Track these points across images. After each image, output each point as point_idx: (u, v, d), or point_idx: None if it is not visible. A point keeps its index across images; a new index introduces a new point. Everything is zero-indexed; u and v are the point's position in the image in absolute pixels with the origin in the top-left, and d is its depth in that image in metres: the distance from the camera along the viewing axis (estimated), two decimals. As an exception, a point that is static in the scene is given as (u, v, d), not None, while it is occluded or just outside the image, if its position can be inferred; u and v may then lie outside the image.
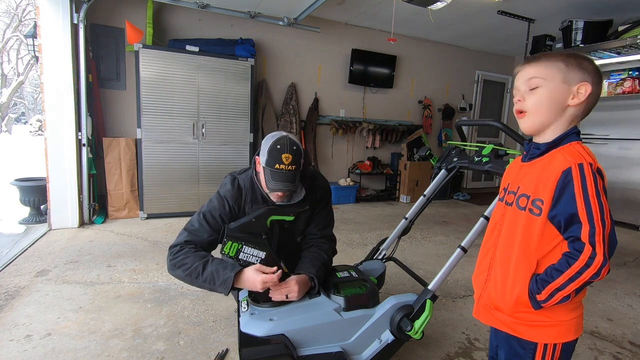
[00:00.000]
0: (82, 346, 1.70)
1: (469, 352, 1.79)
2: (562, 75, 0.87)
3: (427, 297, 1.35)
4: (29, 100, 25.99)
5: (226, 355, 1.68)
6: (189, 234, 1.47)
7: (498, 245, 0.97)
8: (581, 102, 0.87)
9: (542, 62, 0.90)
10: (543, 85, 0.88)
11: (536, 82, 0.89)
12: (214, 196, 1.57)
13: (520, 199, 0.91)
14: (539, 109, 0.89)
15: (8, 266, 2.57)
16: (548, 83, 0.88)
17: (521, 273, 0.90)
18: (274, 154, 1.40)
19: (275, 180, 1.41)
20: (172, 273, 1.39)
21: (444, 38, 5.85)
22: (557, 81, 0.87)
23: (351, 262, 1.96)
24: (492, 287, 0.98)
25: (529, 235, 0.88)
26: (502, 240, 0.96)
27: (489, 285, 0.99)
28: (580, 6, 4.17)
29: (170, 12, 4.24)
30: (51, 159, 3.41)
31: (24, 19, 16.14)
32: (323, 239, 1.64)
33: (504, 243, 0.95)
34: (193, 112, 4.01)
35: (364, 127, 5.48)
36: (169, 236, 3.40)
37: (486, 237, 1.04)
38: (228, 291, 1.30)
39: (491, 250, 0.99)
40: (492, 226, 1.02)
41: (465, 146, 1.78)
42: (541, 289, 0.86)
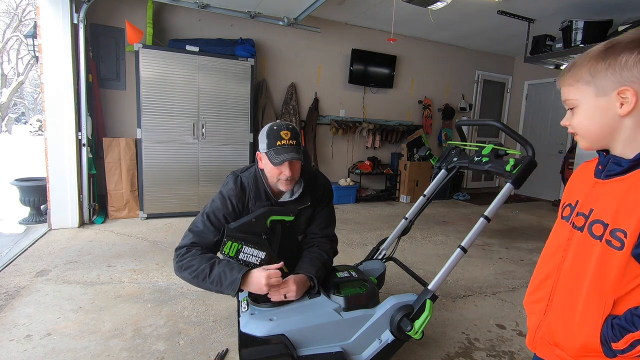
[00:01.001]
0: (82, 346, 1.70)
1: (469, 352, 1.79)
2: (592, 88, 0.73)
3: (427, 297, 1.35)
4: (29, 100, 25.99)
5: (226, 355, 1.68)
6: (194, 235, 1.47)
7: (562, 273, 0.82)
8: (633, 107, 0.69)
9: (567, 79, 0.77)
10: (578, 106, 0.76)
11: (570, 104, 0.78)
12: (217, 196, 1.56)
13: (595, 226, 0.75)
14: (587, 130, 0.77)
15: (8, 266, 2.57)
16: (581, 103, 0.75)
17: (592, 313, 0.74)
18: (272, 135, 1.46)
19: (280, 154, 1.44)
20: (179, 275, 1.40)
21: (444, 38, 5.85)
22: (590, 97, 0.74)
23: (351, 262, 1.96)
24: (553, 321, 0.83)
25: (604, 271, 0.73)
26: (568, 269, 0.81)
27: (549, 316, 0.85)
28: (580, 6, 4.17)
29: (170, 12, 4.24)
30: (51, 159, 3.41)
31: (24, 19, 16.13)
32: (324, 239, 1.64)
33: (570, 273, 0.80)
34: (193, 112, 4.01)
35: (364, 127, 5.48)
36: (169, 236, 3.40)
37: (545, 257, 0.89)
38: (235, 292, 1.30)
39: (553, 277, 0.84)
40: (555, 248, 0.86)
41: (465, 146, 1.78)
42: (619, 337, 0.70)
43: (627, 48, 0.69)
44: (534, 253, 3.36)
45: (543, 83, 6.43)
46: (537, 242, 3.71)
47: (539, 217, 4.88)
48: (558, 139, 6.17)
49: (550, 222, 4.60)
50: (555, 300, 0.84)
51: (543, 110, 6.45)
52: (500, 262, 3.10)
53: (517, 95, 6.90)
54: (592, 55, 0.74)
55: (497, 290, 2.53)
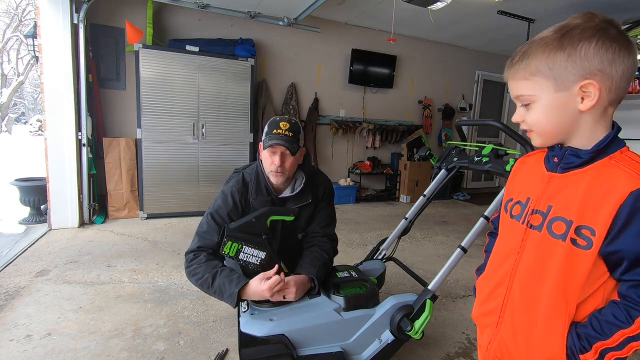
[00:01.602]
0: (82, 346, 1.70)
1: (469, 352, 1.79)
2: (551, 82, 0.66)
3: (427, 297, 1.35)
4: (29, 100, 25.99)
5: (226, 355, 1.68)
6: (200, 238, 1.49)
7: (516, 279, 0.74)
8: (596, 102, 0.63)
9: (520, 72, 0.69)
10: (535, 101, 0.69)
11: (525, 100, 0.70)
12: (219, 195, 1.58)
13: (555, 224, 0.68)
14: (544, 128, 0.70)
15: (8, 266, 2.57)
16: (539, 98, 0.68)
17: (556, 322, 0.67)
18: (272, 124, 1.52)
19: (271, 140, 1.47)
20: (189, 280, 1.44)
21: (444, 38, 5.85)
22: (548, 93, 0.67)
23: (351, 262, 1.96)
24: (507, 336, 0.75)
25: (569, 273, 0.66)
26: (524, 274, 0.73)
27: (502, 331, 0.76)
28: (580, 6, 4.17)
29: (170, 12, 4.24)
30: (51, 159, 3.41)
31: (24, 19, 16.14)
32: (325, 238, 1.65)
33: (526, 278, 0.72)
34: (193, 112, 4.01)
35: (364, 127, 5.48)
36: (169, 236, 3.40)
37: (494, 263, 0.81)
38: (235, 305, 1.32)
39: (505, 284, 0.76)
40: (506, 252, 0.78)
41: (465, 146, 1.78)
42: (588, 347, 0.64)
43: (583, 36, 0.63)
44: (534, 253, 3.36)
45: (543, 83, 6.42)
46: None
47: (539, 217, 4.88)
48: (558, 139, 6.16)
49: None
50: (509, 311, 0.75)
51: (543, 110, 6.44)
52: (500, 262, 3.10)
53: (517, 95, 6.89)
54: (546, 44, 0.66)
55: (497, 290, 2.53)
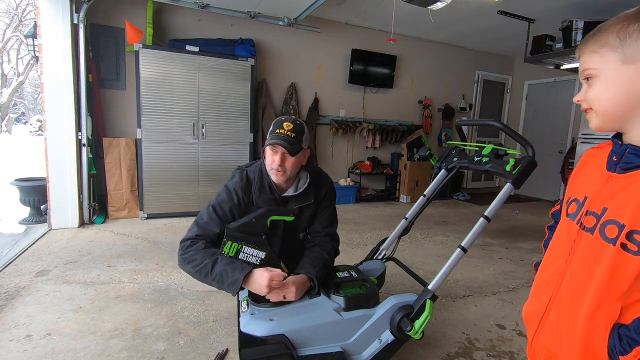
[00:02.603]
0: (82, 346, 1.70)
1: (469, 352, 1.79)
2: (618, 54, 0.63)
3: (427, 297, 1.34)
4: (29, 100, 25.98)
5: (226, 355, 1.68)
6: (199, 228, 1.48)
7: (565, 281, 0.73)
8: None
9: (590, 45, 0.67)
10: (598, 75, 0.67)
11: (589, 73, 0.68)
12: (222, 189, 1.58)
13: (608, 227, 0.65)
14: (604, 105, 0.67)
15: (8, 266, 2.57)
16: (602, 71, 0.66)
17: (600, 323, 0.67)
18: (276, 124, 1.53)
19: (272, 139, 1.47)
20: (183, 268, 1.41)
21: (444, 38, 5.85)
22: (614, 65, 0.64)
23: (351, 262, 1.96)
24: (549, 332, 0.75)
25: (616, 277, 0.64)
26: (573, 277, 0.72)
27: (545, 327, 0.76)
28: (580, 6, 4.17)
29: (170, 12, 4.24)
30: (51, 159, 3.41)
31: (24, 19, 16.13)
32: (326, 238, 1.65)
33: (575, 279, 0.71)
34: (193, 112, 4.01)
35: (364, 127, 5.48)
36: (169, 236, 3.40)
37: (548, 261, 0.81)
38: (236, 292, 1.31)
39: (553, 283, 0.76)
40: (558, 251, 0.77)
41: (465, 146, 1.78)
42: (628, 350, 0.63)
43: None
44: (534, 253, 3.36)
45: (543, 83, 6.43)
46: (537, 242, 3.71)
47: (539, 217, 4.88)
48: (558, 139, 6.17)
49: (551, 222, 4.60)
50: (554, 309, 0.75)
51: (543, 110, 6.45)
52: (500, 262, 3.10)
53: (517, 95, 6.90)
54: (623, 17, 0.64)
55: (497, 290, 2.53)
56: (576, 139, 4.99)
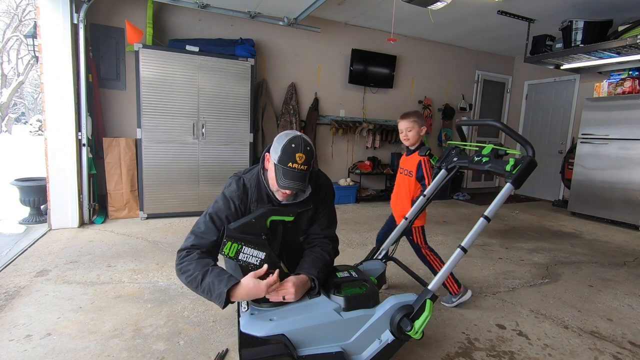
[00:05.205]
0: (82, 346, 1.70)
1: (469, 352, 1.79)
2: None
3: (427, 297, 1.35)
4: (29, 100, 25.98)
5: (226, 355, 1.68)
6: (195, 237, 1.46)
7: (399, 188, 2.21)
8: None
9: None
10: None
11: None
12: (219, 197, 1.55)
13: (404, 171, 1.83)
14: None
15: (8, 266, 2.57)
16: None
17: (406, 199, 1.96)
18: (288, 153, 1.40)
19: (287, 179, 1.41)
20: (179, 278, 1.40)
21: (444, 38, 5.85)
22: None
23: (351, 262, 1.96)
24: (395, 203, 1.84)
25: (408, 185, 2.20)
26: (399, 186, 2.10)
27: (395, 201, 2.21)
28: (580, 6, 4.17)
29: (170, 12, 4.24)
30: (51, 159, 3.41)
31: (24, 19, 16.14)
32: (326, 239, 1.64)
33: (400, 187, 2.12)
34: (193, 112, 4.01)
35: (364, 127, 5.48)
36: (169, 236, 3.40)
37: (397, 184, 2.22)
38: (223, 306, 1.28)
39: (397, 190, 2.29)
40: (398, 181, 1.96)
41: (465, 146, 1.78)
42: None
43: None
44: (534, 253, 3.36)
45: (543, 83, 6.43)
46: (537, 242, 3.71)
47: (539, 217, 4.88)
48: (558, 139, 6.17)
49: (551, 222, 4.62)
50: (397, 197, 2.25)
51: (543, 110, 6.45)
52: (500, 262, 3.10)
53: (517, 95, 6.90)
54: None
55: (497, 290, 2.53)
56: (576, 139, 4.98)
